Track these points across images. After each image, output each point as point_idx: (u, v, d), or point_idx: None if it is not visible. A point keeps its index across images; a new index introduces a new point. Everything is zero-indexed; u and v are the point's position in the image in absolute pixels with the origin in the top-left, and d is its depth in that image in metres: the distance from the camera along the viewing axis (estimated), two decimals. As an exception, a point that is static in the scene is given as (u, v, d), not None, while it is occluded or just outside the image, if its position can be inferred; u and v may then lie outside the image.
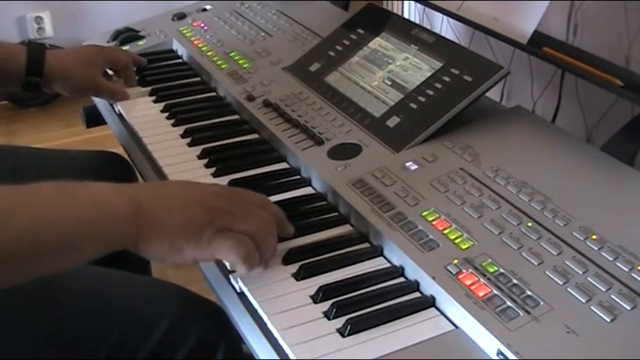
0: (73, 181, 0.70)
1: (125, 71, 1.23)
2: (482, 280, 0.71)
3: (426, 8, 1.94)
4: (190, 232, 0.71)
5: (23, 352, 0.81)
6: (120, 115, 1.18)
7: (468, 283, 0.71)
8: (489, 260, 0.73)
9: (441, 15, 1.60)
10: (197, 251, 0.72)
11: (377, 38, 1.13)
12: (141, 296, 0.89)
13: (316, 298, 0.73)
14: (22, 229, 0.64)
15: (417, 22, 1.96)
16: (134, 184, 0.75)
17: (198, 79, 1.27)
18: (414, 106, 0.99)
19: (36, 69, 1.09)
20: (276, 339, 0.70)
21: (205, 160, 1.00)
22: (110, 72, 1.25)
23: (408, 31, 1.10)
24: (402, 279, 0.76)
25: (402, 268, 0.77)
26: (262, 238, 0.75)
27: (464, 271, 0.72)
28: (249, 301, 0.75)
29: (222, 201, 0.75)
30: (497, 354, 0.65)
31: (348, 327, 0.68)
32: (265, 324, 0.71)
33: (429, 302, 0.72)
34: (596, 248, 0.73)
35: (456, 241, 0.77)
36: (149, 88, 1.22)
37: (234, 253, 0.72)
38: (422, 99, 0.99)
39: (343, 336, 0.68)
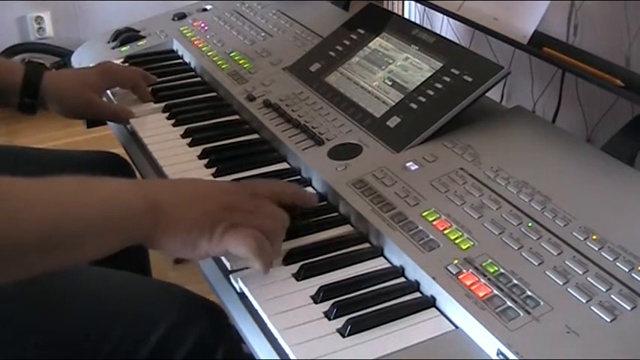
0: (91, 177, 0.71)
1: (135, 90, 1.19)
2: (482, 280, 0.71)
3: (427, 8, 1.94)
4: (204, 227, 0.72)
5: (23, 352, 0.81)
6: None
7: (468, 283, 0.71)
8: (490, 260, 0.73)
9: (441, 15, 1.60)
10: (210, 245, 0.73)
11: (377, 38, 1.13)
12: (141, 296, 0.89)
13: (316, 299, 0.73)
14: (42, 220, 0.65)
15: (418, 22, 1.96)
16: (150, 180, 0.77)
17: (199, 79, 1.27)
18: (414, 106, 0.99)
19: (31, 90, 1.08)
20: (276, 339, 0.70)
21: (206, 161, 1.00)
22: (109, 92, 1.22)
23: (408, 31, 1.10)
24: (402, 279, 0.76)
25: (403, 269, 0.77)
26: (273, 235, 0.75)
27: (464, 271, 0.72)
28: (249, 301, 0.75)
29: (234, 197, 0.77)
30: (498, 354, 0.65)
31: (349, 327, 0.68)
32: (265, 324, 0.71)
33: (429, 302, 0.72)
34: (596, 248, 0.73)
35: (457, 241, 0.77)
36: (149, 89, 1.22)
37: (246, 247, 0.73)
38: (422, 99, 0.99)
39: (343, 336, 0.68)
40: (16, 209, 0.64)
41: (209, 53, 1.29)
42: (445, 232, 0.78)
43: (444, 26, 1.93)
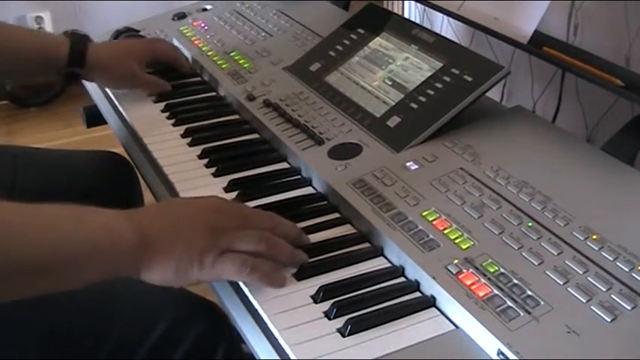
0: (83, 206, 0.71)
1: (174, 61, 1.25)
2: (482, 280, 0.71)
3: (427, 8, 1.94)
4: (193, 257, 0.72)
5: (23, 352, 0.81)
6: (120, 115, 1.18)
7: (468, 283, 0.71)
8: (490, 260, 0.73)
9: (441, 15, 1.60)
10: (202, 274, 0.73)
11: (377, 38, 1.13)
12: (141, 296, 0.89)
13: (317, 298, 0.73)
14: (31, 247, 0.65)
15: (418, 21, 1.96)
16: (140, 210, 0.77)
17: (199, 78, 1.27)
18: (414, 105, 0.99)
19: (78, 60, 1.10)
20: (276, 339, 0.70)
21: (205, 160, 1.00)
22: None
23: (408, 31, 1.10)
24: (402, 279, 0.76)
25: (403, 268, 0.77)
26: (268, 250, 0.75)
27: (464, 271, 0.72)
28: (249, 300, 0.75)
29: (222, 219, 0.76)
30: (498, 354, 0.65)
31: (349, 327, 0.68)
32: (265, 324, 0.71)
33: (429, 302, 0.72)
34: (596, 248, 0.73)
35: (457, 240, 0.77)
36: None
37: (237, 275, 0.73)
38: (422, 99, 0.99)
39: (344, 336, 0.68)
40: (7, 234, 0.64)
41: (209, 53, 1.29)
42: (445, 231, 0.78)
43: (444, 26, 1.93)
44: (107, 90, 1.23)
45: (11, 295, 0.67)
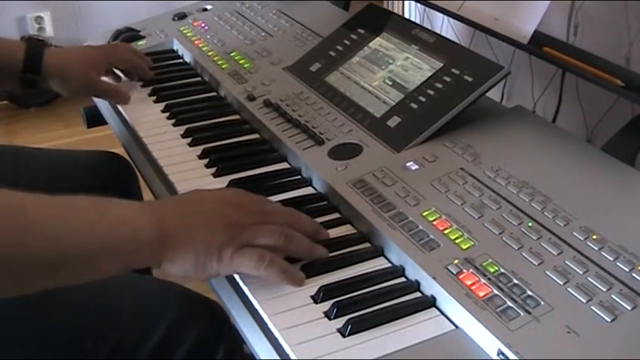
0: (104, 198, 0.71)
1: (134, 68, 1.23)
2: (482, 280, 0.71)
3: (427, 8, 1.94)
4: (212, 250, 0.73)
5: (23, 352, 0.81)
6: (121, 115, 1.18)
7: (468, 283, 0.71)
8: (490, 260, 0.74)
9: (441, 15, 1.60)
10: (220, 266, 0.73)
11: (377, 38, 1.13)
12: (142, 295, 0.89)
13: (317, 298, 0.73)
14: (53, 239, 0.66)
15: (418, 22, 1.96)
16: (161, 202, 0.77)
17: (199, 79, 1.27)
18: (414, 106, 0.99)
19: (33, 66, 1.08)
20: (276, 339, 0.70)
21: (206, 160, 1.00)
22: (118, 72, 1.24)
23: (408, 31, 1.10)
24: (402, 279, 0.76)
25: (403, 268, 0.77)
26: (286, 245, 0.76)
27: (464, 271, 0.72)
28: (249, 300, 0.75)
29: (240, 212, 0.76)
30: (498, 354, 0.65)
31: (349, 327, 0.68)
32: (266, 324, 0.71)
33: (429, 302, 0.72)
34: (596, 248, 0.73)
35: (457, 241, 0.77)
36: (150, 88, 1.22)
37: (255, 269, 0.73)
38: (422, 99, 0.99)
39: (344, 336, 0.68)
40: (29, 225, 0.65)
41: (209, 53, 1.29)
42: (445, 231, 0.78)
43: (444, 26, 1.93)
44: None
45: (32, 286, 0.67)
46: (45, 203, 0.67)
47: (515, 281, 0.71)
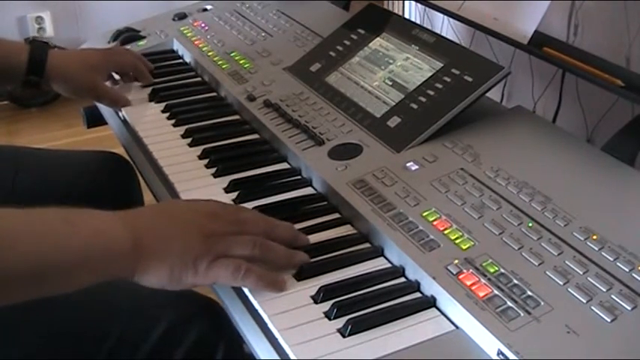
0: (77, 209, 0.71)
1: (135, 72, 1.23)
2: (482, 280, 0.71)
3: (427, 8, 1.94)
4: (187, 262, 0.72)
5: (23, 351, 0.81)
6: (120, 116, 1.18)
7: (468, 283, 0.71)
8: (490, 260, 0.73)
9: (441, 15, 1.60)
10: (196, 279, 0.73)
11: (377, 38, 1.13)
12: (141, 295, 0.88)
13: (317, 299, 0.73)
14: (25, 254, 0.65)
15: (418, 22, 1.96)
16: (135, 211, 0.77)
17: (199, 79, 1.27)
18: (414, 106, 0.99)
19: (37, 68, 1.09)
20: (276, 339, 0.70)
21: (206, 161, 1.00)
22: (117, 76, 1.24)
23: (408, 31, 1.10)
24: (402, 279, 0.76)
25: (403, 269, 0.77)
26: (262, 255, 0.75)
27: (464, 271, 0.72)
28: (249, 300, 0.75)
29: (216, 223, 0.76)
30: (498, 354, 0.65)
31: (349, 327, 0.68)
32: (266, 324, 0.71)
33: (429, 302, 0.72)
34: (596, 248, 0.73)
35: (457, 241, 0.77)
36: (150, 89, 1.22)
37: (232, 280, 0.73)
38: (422, 99, 0.99)
39: (344, 336, 0.68)
40: (1, 242, 0.64)
41: (209, 53, 1.29)
42: (445, 232, 0.78)
43: (444, 26, 1.93)
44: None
45: (15, 298, 0.67)
46: (13, 219, 0.67)
47: (515, 281, 0.71)
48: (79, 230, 0.69)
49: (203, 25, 1.41)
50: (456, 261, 0.74)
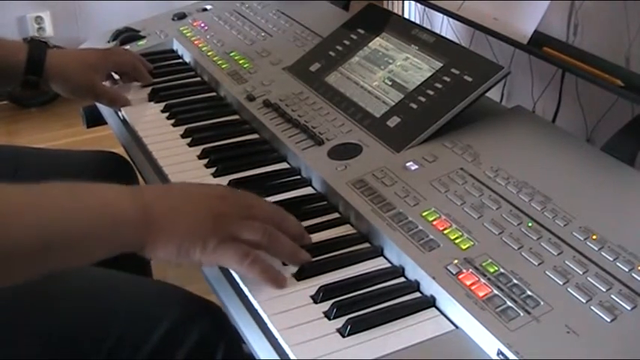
0: (83, 183, 0.71)
1: (134, 72, 1.23)
2: (482, 280, 0.71)
3: (427, 8, 1.94)
4: (197, 238, 0.72)
5: (23, 352, 0.81)
6: (120, 115, 1.18)
7: (468, 283, 0.71)
8: (490, 260, 0.73)
9: (441, 15, 1.60)
10: (203, 256, 0.73)
11: (377, 38, 1.13)
12: (141, 297, 0.89)
13: (316, 298, 0.73)
14: (31, 227, 0.65)
15: (418, 22, 1.96)
16: (142, 186, 0.76)
17: (199, 79, 1.27)
18: (414, 106, 0.99)
19: (35, 68, 1.09)
20: (276, 339, 0.70)
21: (205, 160, 1.00)
22: (116, 76, 1.24)
23: (408, 31, 1.10)
24: (402, 279, 0.76)
25: (403, 268, 0.77)
26: (269, 244, 0.75)
27: (464, 271, 0.72)
28: (249, 301, 0.75)
29: (227, 205, 0.76)
30: (498, 354, 0.65)
31: (349, 327, 0.68)
32: (265, 324, 0.71)
33: (429, 302, 0.72)
34: (596, 248, 0.73)
35: (457, 241, 0.77)
36: (149, 88, 1.22)
37: (238, 264, 0.73)
38: (422, 99, 0.99)
39: (343, 336, 0.68)
40: (5, 215, 0.64)
41: (209, 53, 1.29)
42: (445, 232, 0.78)
43: (444, 26, 1.93)
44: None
45: (16, 277, 0.67)
46: (21, 192, 0.67)
47: (515, 281, 0.71)
48: (86, 203, 0.69)
49: (203, 25, 1.41)
50: (456, 261, 0.74)
